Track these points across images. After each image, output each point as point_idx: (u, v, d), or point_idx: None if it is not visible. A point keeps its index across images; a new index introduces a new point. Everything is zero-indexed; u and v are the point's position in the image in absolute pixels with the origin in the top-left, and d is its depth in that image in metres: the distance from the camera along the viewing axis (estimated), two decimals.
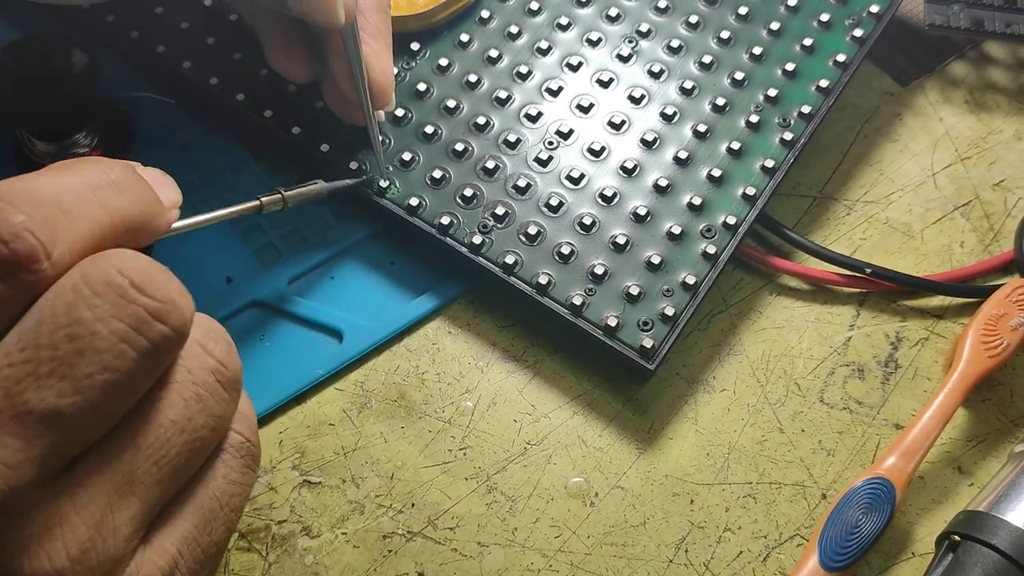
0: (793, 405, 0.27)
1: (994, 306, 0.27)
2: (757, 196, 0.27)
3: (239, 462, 0.19)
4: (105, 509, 0.17)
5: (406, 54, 0.29)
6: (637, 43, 0.30)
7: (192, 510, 0.19)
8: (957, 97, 0.32)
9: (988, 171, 0.31)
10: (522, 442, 0.26)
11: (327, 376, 0.27)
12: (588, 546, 0.25)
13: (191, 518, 0.18)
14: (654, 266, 0.26)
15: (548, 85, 0.29)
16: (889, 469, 0.25)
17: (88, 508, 0.17)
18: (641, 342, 0.25)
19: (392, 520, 0.25)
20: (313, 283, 0.28)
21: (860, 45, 0.29)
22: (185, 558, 0.18)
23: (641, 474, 0.26)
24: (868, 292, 0.29)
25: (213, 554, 0.19)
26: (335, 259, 0.28)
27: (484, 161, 0.27)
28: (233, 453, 0.19)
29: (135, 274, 0.16)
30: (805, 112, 0.28)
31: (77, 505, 0.17)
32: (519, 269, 0.26)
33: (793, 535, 0.25)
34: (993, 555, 0.22)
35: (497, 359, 0.27)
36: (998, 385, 0.27)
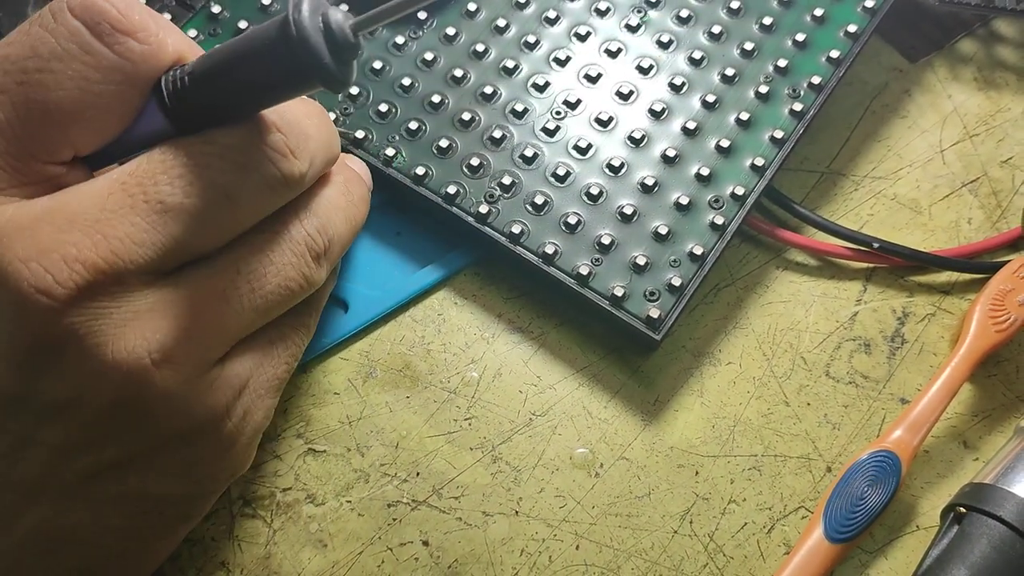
0: (799, 379, 0.27)
1: (1002, 281, 0.27)
2: (766, 167, 0.27)
3: (299, 325, 0.22)
4: (197, 315, 0.18)
5: (413, 23, 0.29)
6: (646, 13, 0.29)
7: (266, 347, 0.21)
8: (966, 74, 0.32)
9: (996, 148, 0.31)
10: (527, 413, 0.26)
11: (332, 345, 0.26)
12: (593, 516, 0.25)
13: (264, 352, 0.21)
14: (661, 236, 0.26)
15: (556, 55, 0.29)
16: (895, 442, 0.25)
17: (182, 310, 0.18)
18: (648, 312, 0.25)
19: (397, 489, 0.25)
20: None
21: (871, 16, 0.29)
22: (256, 379, 0.21)
23: (646, 445, 0.26)
24: (875, 267, 0.29)
25: (274, 387, 0.22)
26: None
27: (491, 131, 0.27)
28: (299, 317, 0.22)
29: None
30: (815, 83, 0.28)
31: (173, 304, 0.18)
32: (526, 239, 0.26)
33: (798, 507, 0.25)
34: (999, 526, 0.22)
35: (503, 330, 0.27)
36: (1004, 361, 0.27)
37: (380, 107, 0.28)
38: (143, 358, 0.18)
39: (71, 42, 0.18)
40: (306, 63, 0.17)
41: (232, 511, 0.25)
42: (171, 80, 0.19)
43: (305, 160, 0.20)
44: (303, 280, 0.21)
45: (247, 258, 0.19)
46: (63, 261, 0.17)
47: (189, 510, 0.22)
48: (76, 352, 0.17)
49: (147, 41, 0.18)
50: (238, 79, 0.18)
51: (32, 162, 0.18)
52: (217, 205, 0.18)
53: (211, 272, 0.19)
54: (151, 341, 0.18)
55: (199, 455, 0.20)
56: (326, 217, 0.21)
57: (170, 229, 0.18)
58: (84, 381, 0.18)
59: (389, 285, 0.27)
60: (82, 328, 0.17)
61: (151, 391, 0.18)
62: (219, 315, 0.19)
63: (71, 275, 0.17)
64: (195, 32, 0.29)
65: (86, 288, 0.17)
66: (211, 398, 0.19)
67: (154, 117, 0.19)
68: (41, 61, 0.18)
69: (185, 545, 0.24)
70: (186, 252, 0.18)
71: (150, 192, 0.18)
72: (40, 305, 0.17)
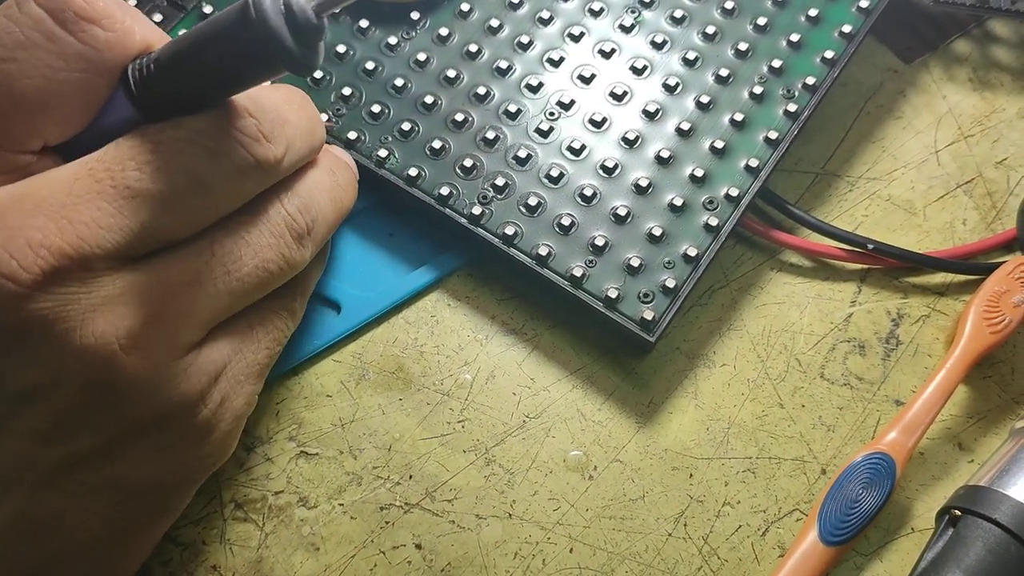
0: (793, 380, 0.27)
1: (996, 283, 0.27)
2: (760, 168, 0.27)
3: (282, 310, 0.22)
4: (168, 300, 0.18)
5: (406, 24, 0.29)
6: (639, 13, 0.29)
7: (245, 331, 0.21)
8: (961, 75, 0.32)
9: (991, 149, 0.31)
10: (521, 415, 0.26)
11: (325, 347, 0.26)
12: (587, 519, 0.25)
13: (243, 336, 0.21)
14: (655, 238, 0.26)
15: (549, 55, 0.28)
16: (890, 444, 0.25)
17: (152, 295, 0.18)
18: (642, 314, 0.25)
19: (389, 492, 0.25)
20: None
21: (865, 16, 0.29)
22: (234, 365, 0.21)
23: (640, 448, 0.26)
24: (870, 268, 0.28)
25: (255, 372, 0.21)
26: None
27: (484, 131, 0.27)
28: (281, 301, 0.22)
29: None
30: (809, 84, 0.28)
31: (143, 290, 0.18)
32: (519, 240, 0.26)
33: (792, 510, 0.25)
34: (995, 529, 0.22)
35: (496, 332, 0.27)
36: (999, 362, 0.27)
37: (373, 108, 0.27)
38: (111, 343, 0.18)
39: (35, 31, 0.18)
40: (267, 46, 0.17)
41: (224, 514, 0.24)
42: (137, 68, 0.19)
43: (280, 145, 0.20)
44: (282, 261, 0.20)
45: (222, 240, 0.19)
46: (28, 246, 0.17)
47: (167, 500, 0.21)
48: (44, 338, 0.17)
49: (112, 28, 0.18)
50: (202, 64, 0.18)
51: (0, 152, 0.18)
52: (186, 190, 0.18)
53: (184, 256, 0.19)
54: (119, 327, 0.18)
55: (174, 442, 0.20)
56: (309, 196, 0.21)
57: (138, 214, 0.18)
58: (53, 367, 0.18)
59: (382, 287, 0.27)
60: (49, 314, 0.17)
61: (120, 377, 0.18)
62: (191, 299, 0.19)
63: (36, 260, 0.17)
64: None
65: (52, 273, 0.17)
66: (185, 383, 0.19)
67: (122, 106, 0.19)
68: (5, 51, 0.18)
69: (176, 548, 0.24)
70: (156, 238, 0.18)
71: (117, 177, 0.18)
72: (5, 290, 0.17)
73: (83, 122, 0.19)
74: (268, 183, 0.20)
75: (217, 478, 0.25)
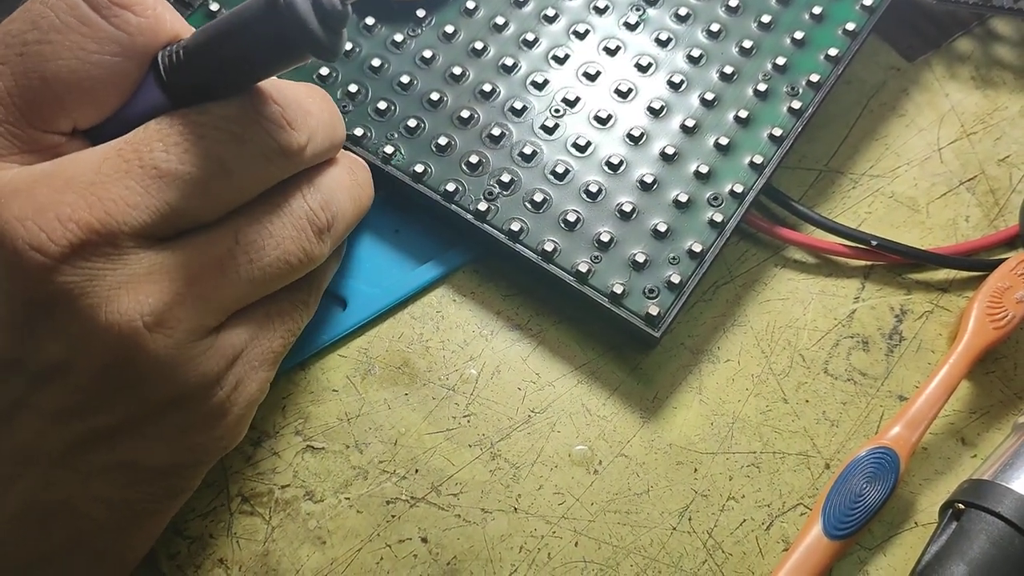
0: (797, 376, 0.27)
1: (1000, 278, 0.27)
2: (764, 164, 0.27)
3: (297, 301, 0.23)
4: (192, 282, 0.19)
5: (412, 21, 0.29)
6: (644, 11, 0.29)
7: (263, 319, 0.21)
8: (963, 73, 0.32)
9: (993, 147, 0.31)
10: (526, 410, 0.26)
11: (331, 342, 0.26)
12: (592, 513, 0.25)
13: (260, 324, 0.21)
14: (660, 234, 0.26)
15: (555, 53, 0.29)
16: (893, 439, 0.25)
17: (177, 276, 0.18)
18: (647, 309, 0.25)
19: (395, 486, 0.25)
20: None
21: (869, 14, 0.29)
22: (250, 350, 0.21)
23: (645, 443, 0.26)
24: (873, 265, 0.29)
25: (269, 359, 0.22)
26: None
27: (490, 128, 0.27)
28: (297, 293, 0.22)
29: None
30: (814, 81, 0.28)
31: (169, 270, 0.18)
32: (525, 236, 0.26)
33: (796, 504, 0.25)
34: (998, 523, 0.22)
35: (501, 327, 0.27)
36: (1002, 358, 0.27)
37: (379, 105, 0.28)
38: (135, 320, 0.18)
39: (70, 15, 0.18)
40: (294, 31, 0.17)
41: (231, 508, 0.24)
42: (167, 55, 0.19)
43: (304, 133, 0.20)
44: (302, 254, 0.21)
45: (245, 229, 0.20)
46: (57, 220, 0.17)
47: (178, 481, 0.22)
48: (69, 312, 0.18)
49: (144, 14, 0.19)
50: (230, 51, 0.19)
51: (31, 131, 0.19)
52: (212, 173, 0.19)
53: (208, 240, 0.19)
54: (144, 304, 0.18)
55: (189, 422, 0.20)
56: (330, 193, 0.22)
57: (165, 194, 0.18)
58: (77, 342, 0.18)
59: (388, 282, 0.27)
60: (76, 288, 0.17)
61: (143, 354, 0.18)
62: (214, 284, 0.19)
63: (64, 233, 0.17)
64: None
65: (79, 246, 0.17)
66: (203, 365, 0.19)
67: (152, 92, 0.20)
68: (40, 33, 0.18)
69: (184, 542, 0.24)
70: (182, 218, 0.19)
71: (145, 158, 0.18)
72: (34, 262, 0.17)
73: (114, 105, 0.19)
74: (291, 171, 0.21)
75: (224, 472, 0.25)
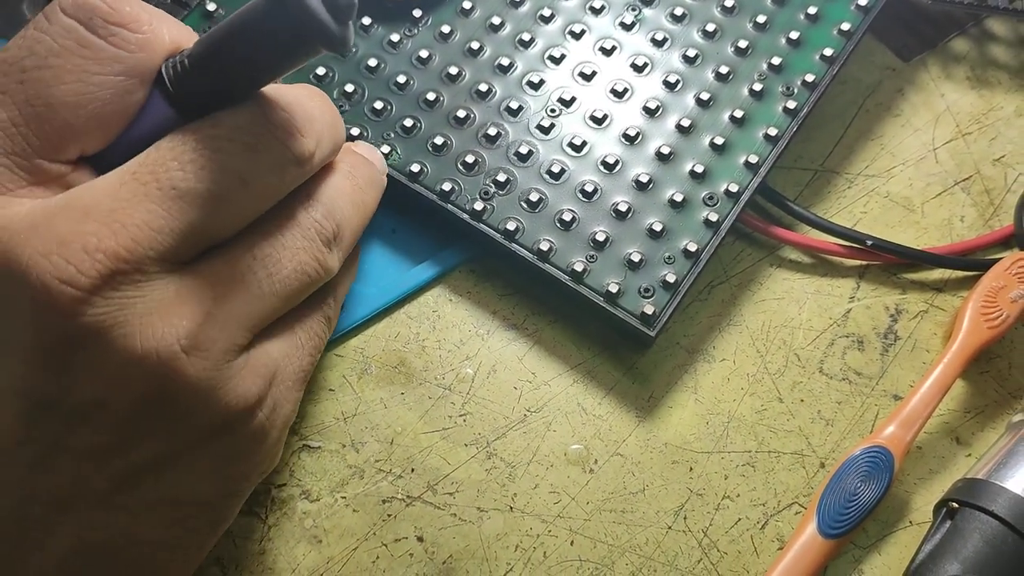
0: (792, 375, 0.27)
1: (994, 278, 0.27)
2: (760, 164, 0.27)
3: (321, 317, 0.22)
4: (219, 300, 0.18)
5: (408, 21, 0.29)
6: (640, 11, 0.29)
7: (289, 337, 0.21)
8: (959, 73, 0.32)
9: (989, 147, 0.31)
10: (522, 409, 0.26)
11: (328, 342, 0.26)
12: (587, 512, 0.25)
13: (288, 342, 0.21)
14: (656, 233, 0.26)
15: (550, 53, 0.29)
16: (888, 438, 0.25)
17: (204, 296, 0.18)
18: (642, 309, 0.25)
19: (391, 485, 0.25)
20: None
21: (864, 14, 0.29)
22: (283, 369, 0.21)
23: (640, 442, 0.26)
24: (868, 264, 0.29)
25: (300, 378, 0.22)
26: None
27: (486, 128, 0.27)
28: (320, 308, 0.22)
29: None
30: (809, 81, 0.28)
31: (195, 291, 0.18)
32: (520, 236, 0.26)
33: (791, 503, 0.25)
34: (992, 521, 0.22)
35: (498, 327, 0.27)
36: (996, 357, 0.27)
37: (375, 104, 0.28)
38: (173, 345, 0.17)
39: (67, 39, 0.18)
40: (305, 23, 0.17)
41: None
42: (171, 66, 0.19)
43: (312, 139, 0.20)
44: (317, 264, 0.21)
45: (260, 243, 0.19)
46: (84, 251, 0.17)
47: (221, 512, 0.21)
48: (104, 345, 0.17)
49: (140, 30, 0.19)
50: (237, 52, 0.18)
51: (39, 161, 0.18)
52: (230, 187, 0.18)
53: (228, 258, 0.19)
54: (179, 328, 0.18)
55: (232, 450, 0.20)
56: (331, 203, 0.21)
57: (186, 214, 0.18)
58: (113, 375, 0.17)
59: (384, 282, 0.27)
60: (108, 319, 0.17)
61: (183, 380, 0.18)
62: (240, 300, 0.19)
63: (93, 264, 0.17)
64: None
65: (109, 277, 0.17)
66: (241, 386, 0.19)
67: (159, 108, 0.19)
68: (39, 59, 0.18)
69: None
70: (204, 237, 0.18)
71: (162, 179, 0.18)
72: (65, 296, 0.17)
73: (120, 127, 0.19)
74: (303, 178, 0.20)
75: None
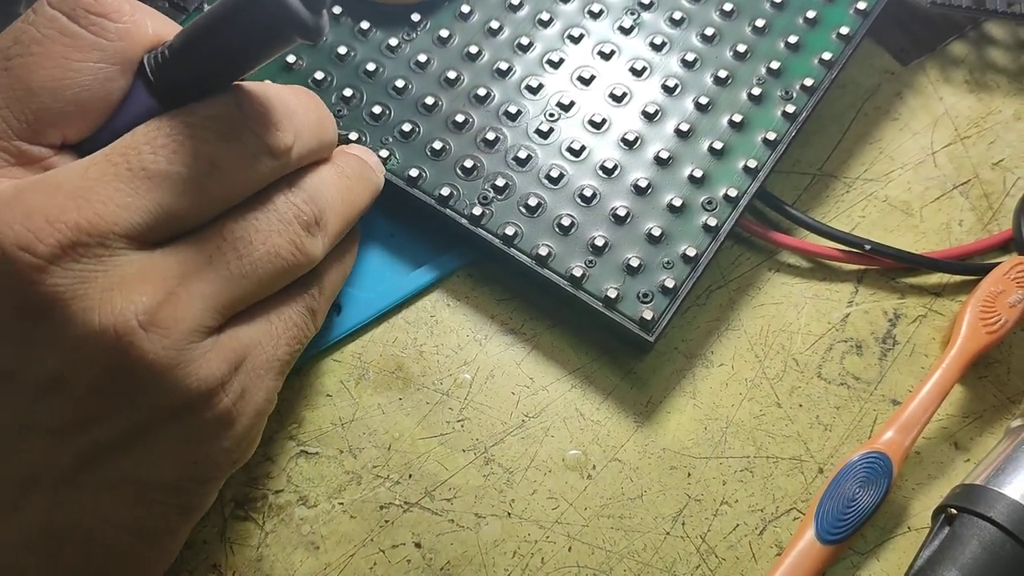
0: (791, 380, 0.27)
1: (993, 283, 0.27)
2: (758, 169, 0.27)
3: (303, 307, 0.22)
4: (184, 279, 0.19)
5: (407, 25, 0.29)
6: (639, 15, 0.29)
7: (263, 323, 0.21)
8: (957, 77, 0.32)
9: (987, 151, 0.31)
10: (520, 414, 0.26)
11: (325, 347, 0.26)
12: (585, 518, 0.25)
13: (261, 328, 0.21)
14: (654, 238, 0.26)
15: (549, 57, 0.29)
16: (886, 443, 0.25)
17: (168, 274, 0.18)
18: (641, 314, 0.25)
19: (389, 491, 0.25)
20: None
21: (863, 18, 0.29)
22: (254, 356, 0.20)
23: (639, 447, 0.26)
24: (867, 269, 0.29)
25: (275, 368, 0.21)
26: None
27: (484, 133, 0.27)
28: (302, 299, 0.22)
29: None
30: (807, 85, 0.28)
31: (159, 269, 0.18)
32: (519, 241, 0.26)
33: (790, 508, 0.25)
34: (990, 528, 0.22)
35: (496, 332, 0.27)
36: (995, 362, 0.27)
37: (373, 109, 0.28)
38: (130, 320, 0.18)
39: (49, 28, 0.19)
40: (278, 13, 0.18)
41: (224, 513, 0.24)
42: (153, 57, 0.20)
43: (289, 133, 0.20)
44: (294, 248, 0.21)
45: (231, 225, 0.20)
46: (46, 221, 0.17)
47: (189, 499, 0.21)
48: (62, 317, 0.17)
49: (120, 20, 0.19)
50: (215, 43, 0.19)
51: (20, 143, 0.19)
52: (202, 172, 0.19)
53: (196, 240, 0.19)
54: (138, 303, 0.18)
55: (195, 433, 0.20)
56: (313, 189, 0.22)
57: (154, 194, 0.18)
58: (72, 349, 0.18)
59: (382, 287, 0.27)
60: (67, 291, 0.17)
61: (140, 356, 0.18)
62: (206, 281, 0.19)
63: (52, 232, 0.17)
64: None
65: (69, 247, 0.17)
66: (204, 368, 0.19)
67: (140, 98, 0.20)
68: (23, 47, 0.19)
69: None
70: (174, 220, 0.19)
71: (133, 160, 0.18)
72: (22, 262, 0.17)
73: (102, 116, 0.19)
74: (280, 172, 0.21)
75: None
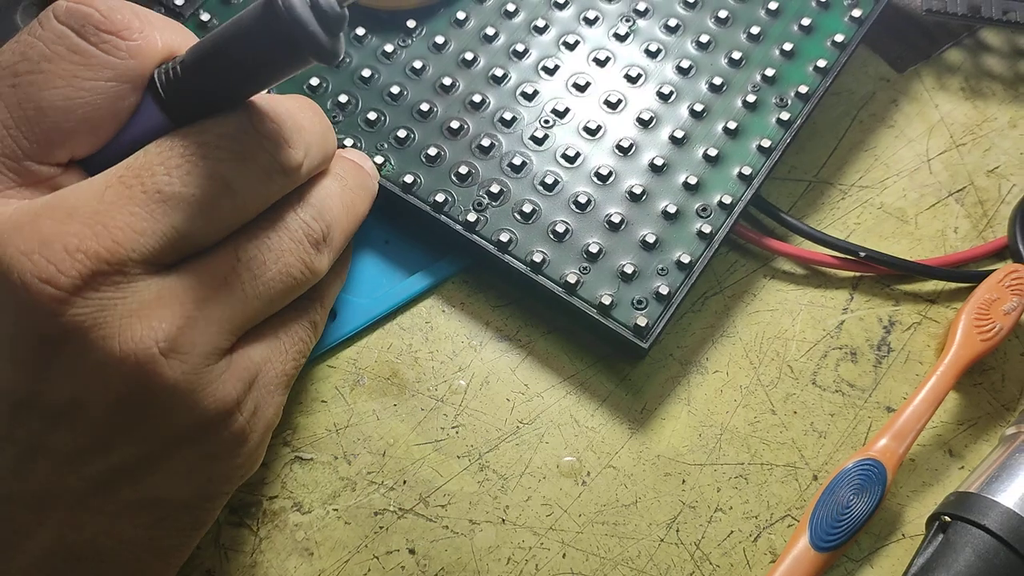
0: (786, 387, 0.27)
1: (987, 290, 0.27)
2: (753, 176, 0.27)
3: (307, 322, 0.22)
4: (200, 303, 0.18)
5: (402, 32, 0.29)
6: (634, 22, 0.29)
7: (272, 340, 0.21)
8: (953, 84, 0.32)
9: (982, 158, 0.31)
10: (515, 421, 0.26)
11: (320, 353, 0.26)
12: (579, 524, 0.25)
13: (271, 346, 0.21)
14: (649, 245, 0.26)
15: (545, 63, 0.29)
16: (881, 451, 0.25)
17: (185, 299, 0.18)
18: (635, 320, 0.25)
19: (383, 497, 0.25)
20: None
21: (858, 26, 0.29)
22: (264, 373, 0.21)
23: (633, 454, 0.26)
24: (862, 276, 0.29)
25: (283, 383, 0.21)
26: None
27: (479, 139, 0.27)
28: (307, 313, 0.22)
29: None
30: (802, 92, 0.28)
31: (177, 294, 0.18)
32: (514, 247, 0.26)
33: (784, 515, 0.25)
34: (984, 535, 0.22)
35: (490, 338, 0.27)
36: (989, 369, 0.27)
37: (369, 115, 0.28)
38: (151, 348, 0.18)
39: (59, 44, 0.18)
40: (295, 35, 0.17)
41: (218, 519, 0.24)
42: (163, 72, 0.19)
43: (300, 149, 0.20)
44: (303, 267, 0.21)
45: (245, 245, 0.20)
46: (65, 251, 0.17)
47: (201, 515, 0.21)
48: (82, 346, 0.17)
49: (131, 38, 0.19)
50: (228, 60, 0.18)
51: (29, 163, 0.18)
52: (216, 193, 0.18)
53: (211, 261, 0.19)
54: (157, 331, 0.18)
55: (211, 453, 0.20)
56: (321, 204, 0.21)
57: (170, 218, 0.18)
58: (91, 375, 0.17)
59: (377, 293, 0.27)
60: (87, 320, 0.17)
61: (160, 383, 0.18)
62: (221, 303, 0.19)
63: (74, 264, 0.17)
64: None
65: (90, 278, 0.17)
66: (221, 389, 0.19)
67: (150, 113, 0.19)
68: (31, 64, 0.18)
69: None
70: (188, 242, 0.18)
71: (147, 183, 0.18)
72: (45, 295, 0.17)
73: (110, 132, 0.19)
74: (289, 188, 0.21)
75: None
